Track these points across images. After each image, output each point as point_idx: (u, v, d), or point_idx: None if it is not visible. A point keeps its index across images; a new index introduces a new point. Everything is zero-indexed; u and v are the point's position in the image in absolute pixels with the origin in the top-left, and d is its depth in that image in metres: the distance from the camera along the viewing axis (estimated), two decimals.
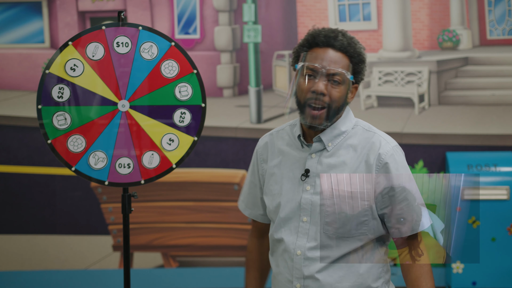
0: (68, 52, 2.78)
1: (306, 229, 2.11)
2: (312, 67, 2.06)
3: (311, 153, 2.13)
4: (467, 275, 4.51)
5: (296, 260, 2.11)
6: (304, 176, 2.12)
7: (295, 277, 2.11)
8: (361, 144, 2.12)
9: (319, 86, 2.05)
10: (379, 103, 4.83)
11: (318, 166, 2.11)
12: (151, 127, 2.82)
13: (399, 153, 2.12)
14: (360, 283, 2.10)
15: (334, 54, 2.07)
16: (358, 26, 4.88)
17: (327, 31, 2.10)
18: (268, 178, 2.22)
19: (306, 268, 2.10)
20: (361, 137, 2.13)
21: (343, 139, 2.13)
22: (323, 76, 2.05)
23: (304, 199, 2.11)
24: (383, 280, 2.16)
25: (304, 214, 2.11)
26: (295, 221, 2.12)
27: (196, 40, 4.88)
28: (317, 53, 2.08)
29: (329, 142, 2.12)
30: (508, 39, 4.85)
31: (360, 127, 2.16)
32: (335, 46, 2.08)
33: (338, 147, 2.12)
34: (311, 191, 2.11)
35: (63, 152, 2.79)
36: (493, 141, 4.79)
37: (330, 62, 2.06)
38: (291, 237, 2.12)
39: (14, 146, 4.90)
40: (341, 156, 2.11)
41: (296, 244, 2.11)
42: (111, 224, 4.89)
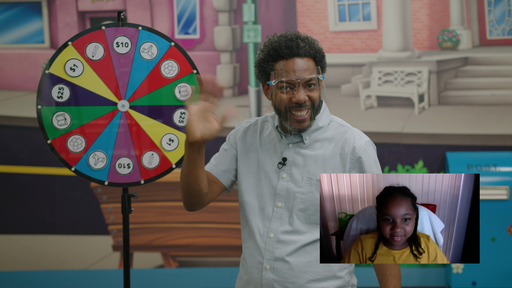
0: (68, 52, 2.78)
1: (280, 214, 2.23)
2: (288, 80, 2.17)
3: (288, 143, 2.25)
4: (467, 275, 4.51)
5: (269, 243, 2.22)
6: (281, 164, 2.24)
7: (265, 259, 2.22)
8: (336, 138, 2.25)
9: (300, 96, 2.17)
10: (379, 103, 4.83)
11: (295, 156, 2.24)
12: (151, 127, 2.82)
13: (371, 148, 2.26)
14: (326, 270, 2.22)
15: (302, 62, 2.18)
16: (358, 26, 4.88)
17: (285, 41, 2.19)
18: (243, 156, 2.31)
19: (278, 250, 2.21)
20: (336, 131, 2.26)
21: (319, 133, 2.26)
22: (300, 85, 2.17)
23: (280, 186, 2.24)
24: (347, 271, 2.27)
25: (279, 200, 2.24)
26: (270, 205, 2.25)
27: (196, 40, 4.88)
28: (285, 65, 2.18)
29: (307, 136, 2.24)
30: (508, 39, 4.85)
31: (336, 122, 2.29)
32: (299, 54, 2.18)
33: (314, 140, 2.25)
34: (287, 178, 2.23)
35: (63, 152, 2.79)
36: (493, 141, 4.79)
37: (302, 71, 2.17)
38: (265, 220, 2.25)
39: (14, 146, 4.90)
40: (316, 149, 2.24)
41: (269, 227, 2.23)
42: (111, 224, 4.89)
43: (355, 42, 4.88)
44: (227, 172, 2.33)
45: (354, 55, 4.86)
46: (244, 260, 2.30)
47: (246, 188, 2.29)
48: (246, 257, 2.29)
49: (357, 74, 4.86)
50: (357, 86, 4.85)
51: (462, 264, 4.50)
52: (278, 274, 2.21)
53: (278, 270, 2.21)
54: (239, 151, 2.33)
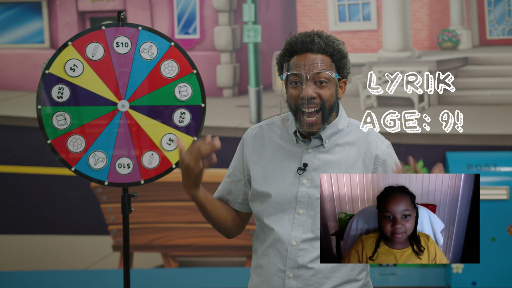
0: (68, 52, 2.78)
1: (302, 221, 2.17)
2: (296, 73, 2.14)
3: (308, 148, 2.20)
4: (467, 275, 4.51)
5: (291, 250, 2.17)
6: (301, 170, 2.18)
7: (288, 267, 2.17)
8: (358, 142, 2.21)
9: (308, 91, 2.12)
10: (379, 103, 4.84)
11: (315, 161, 2.18)
12: (151, 127, 2.82)
13: (392, 150, 2.26)
14: (348, 274, 2.19)
15: (314, 57, 2.14)
16: (358, 26, 4.88)
17: (303, 36, 2.17)
18: (253, 165, 2.26)
19: (301, 258, 2.16)
20: (357, 135, 2.22)
21: (339, 136, 2.21)
22: (308, 80, 2.13)
23: (301, 192, 2.18)
24: (366, 273, 2.25)
25: (300, 207, 2.18)
26: (290, 213, 2.19)
27: (196, 40, 4.88)
28: (298, 60, 2.15)
29: (327, 139, 2.19)
30: (508, 39, 4.85)
31: (354, 125, 2.25)
32: (313, 49, 2.14)
33: (334, 144, 2.20)
34: (307, 184, 2.18)
35: (63, 152, 2.79)
36: (493, 141, 4.79)
37: (311, 65, 2.13)
38: (286, 228, 2.18)
39: (14, 146, 4.90)
40: (337, 153, 2.19)
41: (291, 235, 2.17)
42: (111, 224, 4.89)
43: (355, 42, 4.88)
44: (244, 200, 2.31)
45: (354, 55, 4.86)
46: (261, 267, 2.23)
47: (259, 192, 2.23)
48: (263, 265, 2.23)
49: (357, 74, 4.86)
50: (357, 86, 4.85)
51: (462, 264, 4.50)
52: (301, 281, 2.16)
53: (301, 278, 2.16)
54: (251, 163, 2.27)
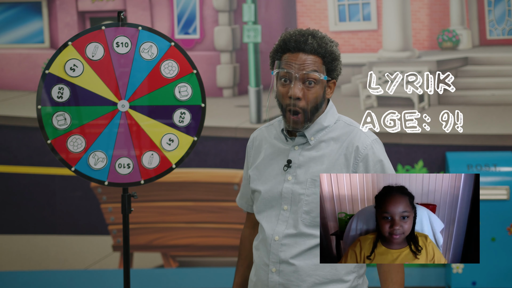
0: (68, 52, 2.78)
1: (286, 216, 2.21)
2: (285, 72, 2.16)
3: (294, 145, 2.23)
4: (467, 275, 4.51)
5: (273, 245, 2.20)
6: (286, 167, 2.23)
7: (271, 261, 2.21)
8: (341, 138, 2.22)
9: (295, 91, 2.15)
10: (379, 103, 4.83)
11: (300, 158, 2.22)
12: (150, 127, 2.82)
13: (377, 147, 2.23)
14: (333, 273, 2.18)
15: (306, 57, 2.16)
16: (358, 26, 4.88)
17: (297, 35, 2.19)
18: (252, 166, 2.33)
19: (283, 253, 2.19)
20: (342, 131, 2.24)
21: (325, 133, 2.23)
22: (297, 80, 2.15)
23: (285, 188, 2.22)
24: (356, 275, 2.23)
25: (285, 203, 2.22)
26: (276, 209, 2.23)
27: (196, 40, 4.88)
28: (289, 58, 2.17)
29: (312, 137, 2.22)
30: (508, 39, 4.85)
31: (342, 121, 2.27)
32: (305, 49, 2.16)
33: (320, 141, 2.22)
34: (292, 181, 2.21)
35: (63, 152, 2.79)
36: (493, 141, 4.79)
37: (302, 65, 2.15)
38: (271, 223, 2.23)
39: (14, 146, 4.90)
40: (322, 149, 2.22)
41: (274, 230, 2.21)
42: (111, 224, 4.89)
43: (355, 42, 4.88)
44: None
45: (354, 55, 4.86)
46: (254, 261, 2.30)
47: (256, 194, 2.31)
48: (255, 259, 2.29)
49: (357, 74, 4.86)
50: (357, 86, 4.85)
51: (462, 264, 4.50)
52: (283, 277, 2.20)
53: (283, 273, 2.19)
54: (251, 165, 2.35)
